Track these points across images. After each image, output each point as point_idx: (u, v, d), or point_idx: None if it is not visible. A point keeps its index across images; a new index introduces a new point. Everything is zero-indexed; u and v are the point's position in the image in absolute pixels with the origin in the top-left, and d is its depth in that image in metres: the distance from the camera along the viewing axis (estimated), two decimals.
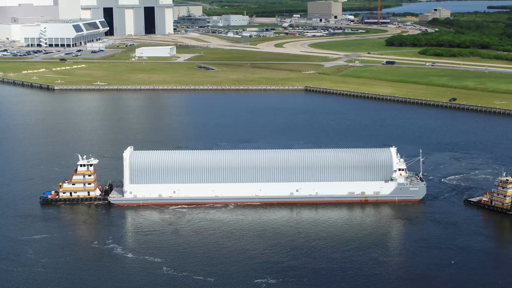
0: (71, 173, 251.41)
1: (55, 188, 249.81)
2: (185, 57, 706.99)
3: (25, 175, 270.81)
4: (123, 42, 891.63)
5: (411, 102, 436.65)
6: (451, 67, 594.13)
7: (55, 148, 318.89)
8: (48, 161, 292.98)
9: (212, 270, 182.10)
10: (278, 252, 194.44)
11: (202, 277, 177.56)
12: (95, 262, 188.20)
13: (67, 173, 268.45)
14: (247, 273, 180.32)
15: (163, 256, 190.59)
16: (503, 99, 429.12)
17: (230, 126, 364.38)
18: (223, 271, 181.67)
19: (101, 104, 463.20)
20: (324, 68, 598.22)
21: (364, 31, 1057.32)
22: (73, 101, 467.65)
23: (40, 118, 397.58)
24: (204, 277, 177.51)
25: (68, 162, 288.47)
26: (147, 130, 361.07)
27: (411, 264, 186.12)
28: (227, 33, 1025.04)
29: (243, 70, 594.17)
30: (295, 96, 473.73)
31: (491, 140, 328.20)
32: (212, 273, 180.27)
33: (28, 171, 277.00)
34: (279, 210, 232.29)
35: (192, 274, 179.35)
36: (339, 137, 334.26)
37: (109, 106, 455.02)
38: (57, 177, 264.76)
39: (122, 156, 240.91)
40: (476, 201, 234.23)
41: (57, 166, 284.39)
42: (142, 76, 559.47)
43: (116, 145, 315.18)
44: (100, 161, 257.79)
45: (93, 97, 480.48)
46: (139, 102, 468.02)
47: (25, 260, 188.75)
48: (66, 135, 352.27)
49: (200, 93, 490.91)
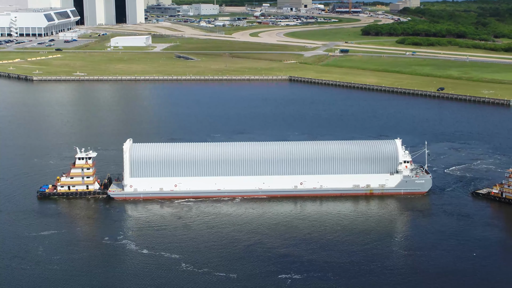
0: (69, 166, 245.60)
1: (51, 182, 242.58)
2: (161, 46, 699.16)
3: (19, 169, 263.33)
4: (95, 31, 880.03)
5: (398, 92, 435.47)
6: (432, 57, 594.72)
7: (46, 141, 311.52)
8: (41, 154, 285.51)
9: (232, 265, 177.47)
10: (296, 246, 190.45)
11: (224, 274, 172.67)
12: (110, 258, 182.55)
13: (62, 166, 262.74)
14: (269, 268, 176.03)
15: (179, 252, 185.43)
16: (490, 88, 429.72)
17: (221, 117, 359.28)
18: (243, 266, 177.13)
19: (84, 95, 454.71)
20: (305, 58, 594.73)
21: (337, 20, 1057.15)
22: (55, 92, 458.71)
23: (24, 110, 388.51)
24: (226, 274, 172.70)
25: (61, 154, 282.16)
26: (137, 122, 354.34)
27: (433, 257, 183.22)
28: (199, 22, 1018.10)
29: (223, 60, 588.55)
30: (280, 86, 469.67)
31: (487, 130, 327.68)
32: (233, 269, 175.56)
33: (22, 165, 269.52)
34: (287, 203, 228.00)
35: (212, 271, 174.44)
36: (333, 128, 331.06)
37: (93, 97, 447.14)
38: (53, 170, 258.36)
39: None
40: (485, 193, 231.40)
41: (51, 159, 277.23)
42: (121, 66, 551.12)
43: (109, 137, 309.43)
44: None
45: (74, 88, 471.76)
46: (123, 93, 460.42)
47: (37, 258, 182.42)
48: (55, 127, 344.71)
49: (183, 83, 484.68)
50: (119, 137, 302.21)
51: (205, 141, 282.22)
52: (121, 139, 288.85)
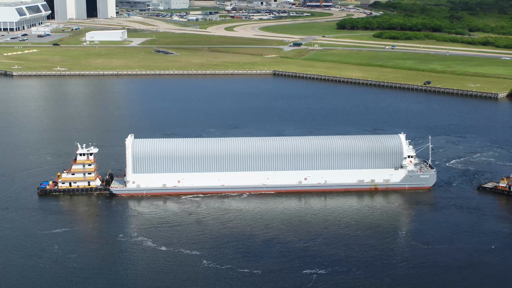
0: (66, 162, 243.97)
1: (51, 178, 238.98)
2: (137, 41, 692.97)
3: (16, 166, 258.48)
4: (67, 26, 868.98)
5: (385, 85, 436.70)
6: (412, 51, 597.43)
7: (39, 137, 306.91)
8: (36, 150, 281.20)
9: (253, 261, 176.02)
10: (313, 240, 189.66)
11: (247, 270, 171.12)
12: (129, 256, 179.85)
13: (59, 162, 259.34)
14: (292, 263, 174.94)
15: (198, 249, 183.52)
16: (475, 81, 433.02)
17: (212, 111, 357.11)
18: (266, 262, 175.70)
19: (69, 90, 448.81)
20: (285, 52, 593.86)
21: (310, 14, 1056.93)
22: (37, 87, 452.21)
23: (10, 105, 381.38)
24: (250, 270, 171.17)
25: (57, 150, 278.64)
26: (127, 118, 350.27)
27: (453, 250, 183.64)
28: (172, 16, 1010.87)
29: (203, 54, 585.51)
30: (265, 81, 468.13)
31: (481, 123, 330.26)
32: (255, 265, 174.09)
33: (19, 162, 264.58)
34: (295, 198, 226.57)
35: (235, 267, 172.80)
36: (327, 122, 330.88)
37: (79, 92, 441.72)
38: (51, 167, 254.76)
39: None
40: (491, 187, 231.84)
41: (47, 155, 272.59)
42: (102, 61, 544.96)
43: (102, 133, 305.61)
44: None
45: (57, 83, 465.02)
46: (109, 88, 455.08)
47: (54, 256, 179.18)
48: (46, 122, 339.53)
49: (167, 78, 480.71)
50: (112, 133, 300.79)
51: (201, 136, 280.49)
52: (114, 135, 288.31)
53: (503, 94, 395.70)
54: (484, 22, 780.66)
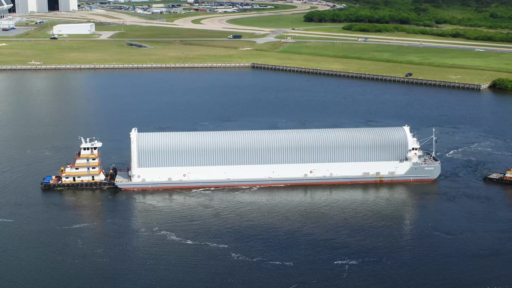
0: (66, 156, 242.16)
1: (53, 173, 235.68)
2: (107, 34, 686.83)
3: (16, 161, 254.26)
4: (30, 19, 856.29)
5: (367, 77, 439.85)
6: (385, 43, 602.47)
7: (32, 131, 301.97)
8: (32, 144, 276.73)
9: (282, 253, 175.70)
10: (336, 232, 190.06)
11: (279, 262, 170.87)
12: (156, 250, 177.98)
13: (58, 156, 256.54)
14: (321, 255, 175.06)
15: (224, 242, 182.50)
16: (455, 73, 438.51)
17: (200, 104, 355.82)
18: (295, 254, 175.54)
19: (49, 84, 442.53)
20: (259, 45, 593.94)
21: (273, 7, 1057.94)
22: (15, 81, 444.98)
23: None
24: (281, 262, 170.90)
25: (54, 145, 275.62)
26: (117, 111, 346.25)
27: (476, 239, 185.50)
28: (134, 9, 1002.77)
29: (176, 47, 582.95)
30: (245, 73, 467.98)
31: (470, 114, 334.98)
32: (285, 257, 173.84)
33: (18, 156, 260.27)
34: (310, 190, 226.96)
35: (266, 259, 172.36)
36: (319, 114, 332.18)
37: (59, 87, 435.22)
38: (51, 161, 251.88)
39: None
40: (498, 178, 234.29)
41: (45, 150, 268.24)
42: (76, 54, 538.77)
43: (97, 127, 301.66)
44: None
45: (35, 77, 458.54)
46: (89, 82, 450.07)
47: (80, 251, 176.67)
48: (35, 117, 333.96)
49: (145, 71, 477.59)
50: (106, 127, 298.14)
51: (195, 129, 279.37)
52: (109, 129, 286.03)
53: (485, 85, 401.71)
54: (451, 14, 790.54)
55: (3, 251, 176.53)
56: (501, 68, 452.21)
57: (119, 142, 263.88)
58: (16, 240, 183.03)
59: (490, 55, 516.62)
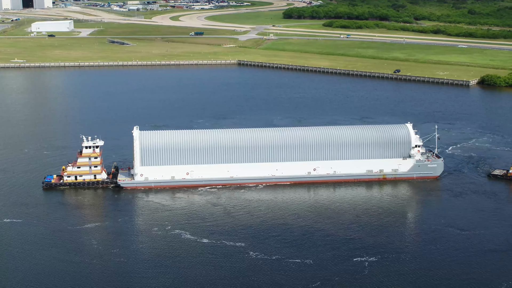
0: (64, 155, 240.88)
1: (54, 172, 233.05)
2: (86, 31, 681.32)
3: (15, 160, 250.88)
4: (5, 17, 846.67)
5: (355, 74, 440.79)
6: (368, 39, 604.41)
7: (27, 130, 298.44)
8: (29, 143, 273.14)
9: (301, 251, 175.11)
10: (350, 229, 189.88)
11: (299, 260, 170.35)
12: (173, 249, 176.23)
13: (57, 155, 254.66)
14: (340, 252, 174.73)
15: (240, 240, 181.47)
16: (443, 69, 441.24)
17: (193, 102, 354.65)
18: (313, 251, 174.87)
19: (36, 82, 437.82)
20: (242, 42, 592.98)
21: (249, 3, 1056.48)
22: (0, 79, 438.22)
23: None
24: (301, 260, 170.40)
25: (51, 144, 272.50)
26: (110, 110, 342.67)
27: (491, 235, 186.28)
28: (110, 6, 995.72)
29: (159, 45, 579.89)
30: (232, 70, 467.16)
31: (464, 110, 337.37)
32: (304, 255, 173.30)
33: (16, 155, 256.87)
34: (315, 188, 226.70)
35: (285, 257, 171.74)
36: (313, 111, 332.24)
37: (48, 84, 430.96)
38: (50, 160, 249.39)
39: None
40: (502, 175, 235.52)
41: (43, 149, 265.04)
42: (59, 52, 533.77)
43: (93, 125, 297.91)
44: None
45: (19, 75, 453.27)
46: (76, 80, 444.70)
47: (96, 251, 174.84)
48: (28, 115, 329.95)
49: (132, 69, 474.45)
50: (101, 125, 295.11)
51: (191, 127, 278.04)
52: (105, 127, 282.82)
53: (474, 81, 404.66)
54: (429, 10, 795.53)
55: (20, 252, 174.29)
56: (486, 64, 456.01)
57: (117, 141, 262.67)
58: (30, 241, 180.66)
59: (474, 52, 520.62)
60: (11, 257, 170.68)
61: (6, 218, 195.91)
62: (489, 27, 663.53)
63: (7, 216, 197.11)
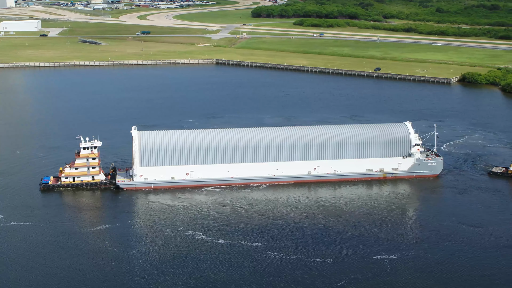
0: (59, 156, 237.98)
1: (50, 173, 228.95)
2: (55, 31, 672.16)
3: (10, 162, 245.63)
4: None
5: (335, 72, 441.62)
6: (342, 38, 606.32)
7: (15, 131, 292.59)
8: (20, 145, 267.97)
9: (319, 250, 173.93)
10: (364, 227, 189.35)
11: (319, 259, 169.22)
12: (190, 250, 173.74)
13: (51, 156, 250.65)
14: (358, 250, 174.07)
15: (256, 240, 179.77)
16: (422, 67, 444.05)
17: (179, 101, 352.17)
18: (331, 250, 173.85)
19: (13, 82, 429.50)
20: (216, 40, 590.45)
21: (215, 2, 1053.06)
22: None
23: None
24: (321, 259, 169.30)
25: (43, 145, 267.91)
26: (97, 110, 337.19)
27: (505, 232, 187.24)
28: (74, 5, 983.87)
29: (132, 44, 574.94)
30: (211, 69, 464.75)
31: (452, 107, 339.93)
32: (323, 253, 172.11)
33: (9, 157, 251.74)
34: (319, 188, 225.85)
35: (304, 257, 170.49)
36: (301, 109, 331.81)
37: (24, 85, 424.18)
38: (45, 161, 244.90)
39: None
40: (502, 172, 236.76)
41: (35, 150, 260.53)
42: (31, 52, 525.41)
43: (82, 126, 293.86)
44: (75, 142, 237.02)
45: None
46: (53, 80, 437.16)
47: (113, 254, 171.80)
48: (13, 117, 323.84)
49: (109, 68, 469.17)
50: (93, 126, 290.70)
51: (181, 126, 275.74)
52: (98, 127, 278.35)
53: (455, 79, 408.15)
54: (397, 9, 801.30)
55: (36, 255, 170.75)
56: (464, 62, 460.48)
57: (110, 141, 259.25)
58: (43, 244, 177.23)
59: (448, 49, 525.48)
60: (24, 260, 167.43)
61: (13, 221, 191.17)
62: (458, 25, 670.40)
63: (12, 219, 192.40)
